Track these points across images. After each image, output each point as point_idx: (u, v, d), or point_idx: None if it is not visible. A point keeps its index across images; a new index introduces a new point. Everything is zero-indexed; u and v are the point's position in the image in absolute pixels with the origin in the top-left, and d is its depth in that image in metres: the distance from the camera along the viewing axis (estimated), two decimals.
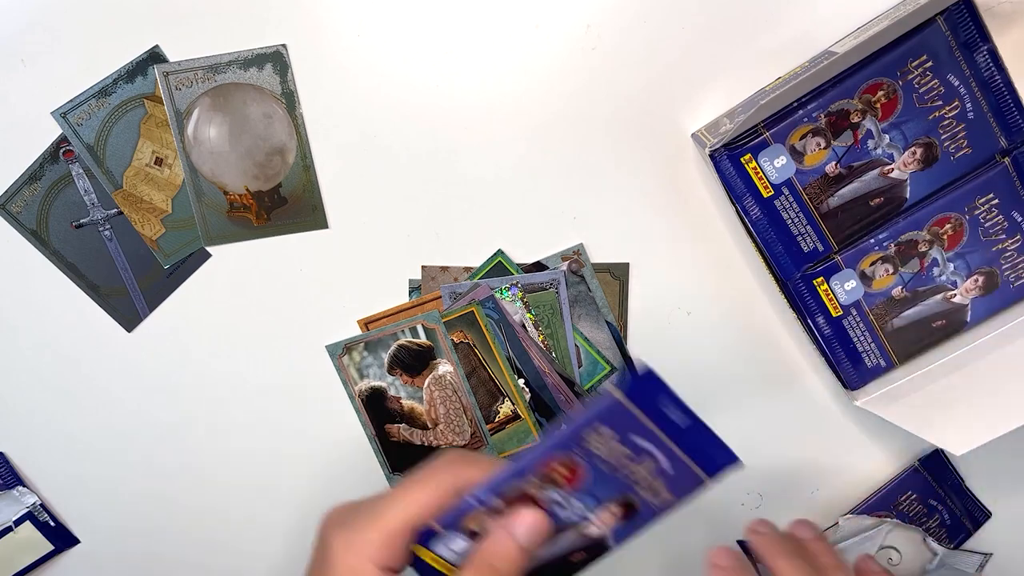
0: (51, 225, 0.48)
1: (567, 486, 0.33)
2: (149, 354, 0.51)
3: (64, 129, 0.47)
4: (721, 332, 0.51)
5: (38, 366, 0.51)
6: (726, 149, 0.45)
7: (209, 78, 0.47)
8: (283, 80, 0.47)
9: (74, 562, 0.55)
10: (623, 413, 0.31)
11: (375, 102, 0.47)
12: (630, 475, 0.33)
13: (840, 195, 0.45)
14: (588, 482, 0.33)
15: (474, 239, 0.49)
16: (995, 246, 0.46)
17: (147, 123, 0.47)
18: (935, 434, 0.44)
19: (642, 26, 0.46)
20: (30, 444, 0.52)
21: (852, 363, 0.48)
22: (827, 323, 0.47)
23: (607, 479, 0.33)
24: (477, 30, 0.46)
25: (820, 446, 0.53)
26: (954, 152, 0.45)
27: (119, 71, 0.46)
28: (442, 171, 0.48)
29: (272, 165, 0.48)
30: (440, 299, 0.50)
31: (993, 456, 0.51)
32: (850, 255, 0.46)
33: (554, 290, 0.50)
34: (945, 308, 0.47)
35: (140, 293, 0.50)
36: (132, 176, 0.48)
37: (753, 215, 0.46)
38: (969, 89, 0.44)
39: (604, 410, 0.31)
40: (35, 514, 0.53)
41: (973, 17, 0.43)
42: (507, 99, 0.47)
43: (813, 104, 0.44)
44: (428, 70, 0.47)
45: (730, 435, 0.53)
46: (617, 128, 0.48)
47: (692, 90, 0.47)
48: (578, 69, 0.47)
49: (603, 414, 0.31)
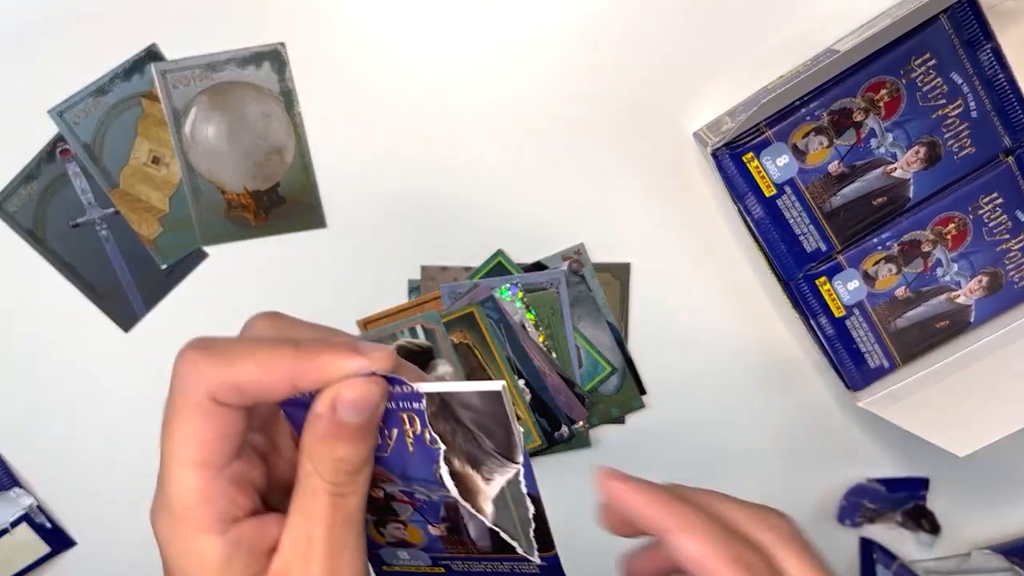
0: (48, 224, 0.48)
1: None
2: (146, 354, 0.50)
3: (61, 128, 0.47)
4: (723, 332, 0.51)
5: (34, 366, 0.51)
6: (728, 148, 0.44)
7: (207, 76, 0.46)
8: (281, 79, 0.46)
9: (71, 564, 0.54)
10: None
11: (374, 101, 0.47)
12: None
13: (843, 194, 0.45)
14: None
15: (474, 239, 0.49)
16: (999, 246, 0.46)
17: (144, 122, 0.47)
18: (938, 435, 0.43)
19: (643, 25, 0.46)
20: (26, 445, 0.52)
21: (855, 363, 0.47)
22: (830, 323, 0.47)
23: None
24: (477, 29, 0.46)
25: (822, 447, 0.53)
26: (957, 151, 0.44)
27: (116, 69, 0.46)
28: (442, 170, 0.48)
29: (270, 164, 0.48)
30: (440, 299, 0.50)
31: None
32: (853, 255, 0.46)
33: (554, 290, 0.49)
34: (949, 308, 0.47)
35: (137, 293, 0.49)
36: (129, 175, 0.48)
37: (755, 214, 0.45)
38: (972, 88, 0.44)
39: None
40: (32, 516, 0.52)
41: (976, 15, 0.42)
42: (507, 98, 0.47)
43: (815, 103, 0.44)
44: (428, 69, 0.47)
45: (731, 435, 0.53)
46: (618, 127, 0.47)
47: (693, 89, 0.47)
48: (579, 68, 0.47)
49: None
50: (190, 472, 0.24)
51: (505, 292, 0.49)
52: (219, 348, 0.25)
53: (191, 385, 0.24)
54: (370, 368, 0.25)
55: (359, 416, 0.25)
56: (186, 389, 0.24)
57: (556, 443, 0.51)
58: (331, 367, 0.24)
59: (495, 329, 0.50)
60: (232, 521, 0.25)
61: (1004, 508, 0.54)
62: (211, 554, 0.25)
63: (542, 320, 0.50)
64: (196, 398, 0.24)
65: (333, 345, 0.25)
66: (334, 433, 0.25)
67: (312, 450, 0.25)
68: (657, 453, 0.53)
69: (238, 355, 0.25)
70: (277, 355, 0.24)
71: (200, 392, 0.24)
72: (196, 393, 0.24)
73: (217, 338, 0.26)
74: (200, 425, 0.24)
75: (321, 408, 0.25)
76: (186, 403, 0.24)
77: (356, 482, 0.26)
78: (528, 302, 0.50)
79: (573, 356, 0.50)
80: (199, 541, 0.25)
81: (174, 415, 0.25)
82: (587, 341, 0.50)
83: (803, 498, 0.54)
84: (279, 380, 0.24)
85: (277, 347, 0.25)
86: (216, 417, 0.24)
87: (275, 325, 0.27)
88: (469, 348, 0.50)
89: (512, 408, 0.25)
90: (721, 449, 0.53)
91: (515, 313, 0.50)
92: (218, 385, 0.24)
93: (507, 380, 0.27)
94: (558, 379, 0.50)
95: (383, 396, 0.25)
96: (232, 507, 0.25)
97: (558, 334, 0.50)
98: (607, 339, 0.50)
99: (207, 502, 0.25)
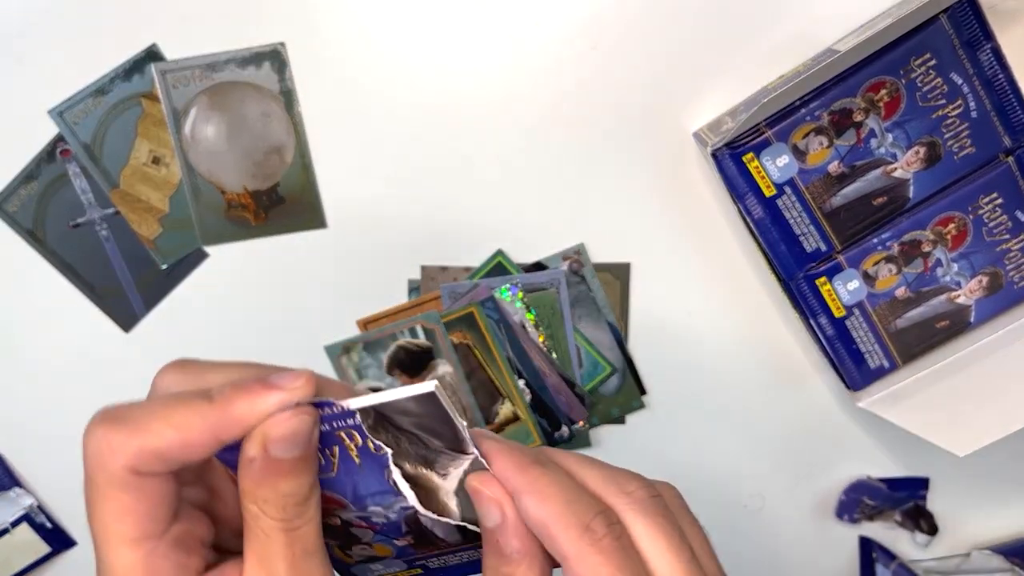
0: (48, 225, 0.48)
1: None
2: (146, 354, 0.50)
3: (61, 128, 0.47)
4: (723, 332, 0.51)
5: (35, 366, 0.51)
6: (728, 148, 0.44)
7: (207, 76, 0.46)
8: (281, 79, 0.46)
9: (71, 564, 0.54)
10: None
11: (374, 101, 0.47)
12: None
13: (843, 194, 0.45)
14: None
15: (474, 239, 0.49)
16: (999, 246, 0.46)
17: (144, 122, 0.47)
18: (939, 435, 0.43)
19: (643, 24, 0.46)
20: (27, 445, 0.52)
21: (855, 364, 0.47)
22: (830, 323, 0.47)
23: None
24: (477, 28, 0.46)
25: (822, 447, 0.53)
26: (957, 151, 0.44)
27: (116, 69, 0.46)
28: (442, 170, 0.48)
29: (270, 164, 0.48)
30: (440, 299, 0.49)
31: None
32: (853, 255, 0.46)
33: (554, 290, 0.49)
34: (949, 309, 0.47)
35: (137, 293, 0.49)
36: (129, 175, 0.48)
37: (755, 214, 0.45)
38: (972, 88, 0.43)
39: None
40: (32, 516, 0.52)
41: (976, 15, 0.42)
42: (507, 98, 0.47)
43: (816, 103, 0.44)
44: (428, 69, 0.47)
45: (731, 435, 0.53)
46: (618, 127, 0.47)
47: (693, 89, 0.47)
48: (579, 68, 0.47)
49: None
50: (127, 551, 0.23)
51: (505, 292, 0.49)
52: (129, 417, 0.23)
53: (108, 461, 0.23)
54: (291, 400, 0.23)
55: (293, 450, 0.24)
56: (104, 466, 0.23)
57: (556, 443, 0.51)
58: (250, 412, 0.23)
59: (495, 329, 0.50)
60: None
61: (1004, 508, 0.54)
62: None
63: (542, 320, 0.50)
64: (116, 474, 0.23)
65: (246, 388, 0.23)
66: (272, 472, 0.24)
67: (253, 493, 0.24)
68: (657, 453, 0.53)
69: (151, 421, 0.23)
70: (192, 413, 0.23)
71: (118, 467, 0.23)
72: (115, 469, 0.23)
73: (124, 405, 0.24)
74: (126, 500, 0.23)
75: (252, 451, 0.23)
76: (107, 480, 0.23)
77: (307, 511, 0.25)
78: (528, 302, 0.50)
79: (573, 356, 0.50)
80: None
81: (97, 495, 0.23)
82: (587, 341, 0.50)
83: (803, 498, 0.54)
84: (200, 438, 0.23)
85: (190, 404, 0.23)
86: (141, 489, 0.23)
87: (183, 376, 0.26)
88: (469, 348, 0.50)
89: (450, 403, 0.24)
90: (721, 449, 0.53)
91: (515, 313, 0.50)
92: (136, 456, 0.23)
93: (439, 381, 0.26)
94: (558, 379, 0.50)
95: (314, 423, 0.24)
96: (182, 572, 0.24)
97: (558, 334, 0.50)
98: (607, 339, 0.50)
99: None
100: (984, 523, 0.54)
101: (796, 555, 0.55)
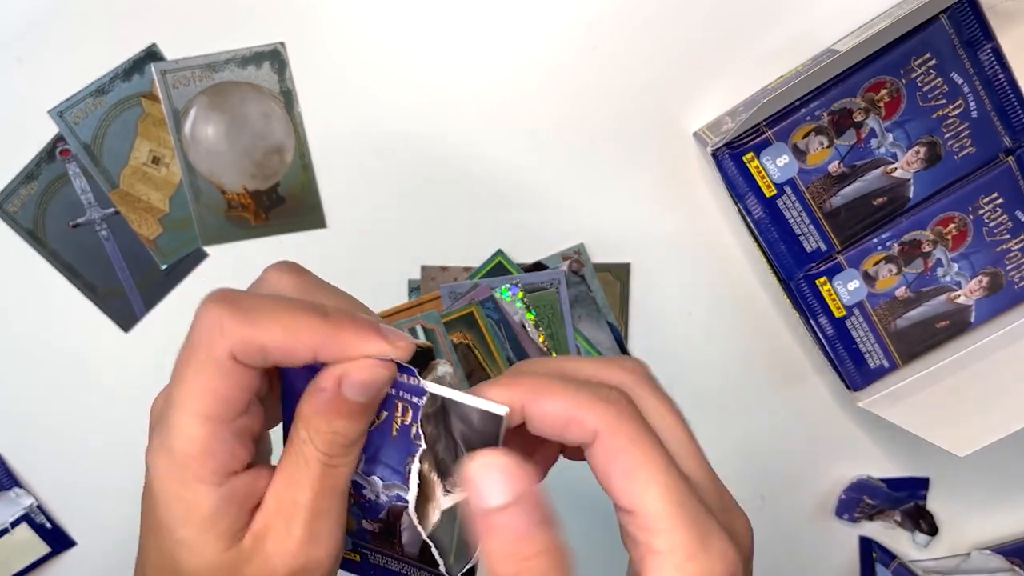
0: (48, 225, 0.48)
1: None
2: (146, 354, 0.50)
3: (61, 128, 0.47)
4: (723, 332, 0.51)
5: (35, 366, 0.51)
6: (728, 148, 0.44)
7: (207, 76, 0.46)
8: (281, 78, 0.46)
9: (71, 565, 0.54)
10: None
11: (374, 100, 0.47)
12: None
13: (843, 194, 0.45)
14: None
15: (474, 239, 0.49)
16: (999, 246, 0.46)
17: (144, 122, 0.47)
18: (938, 435, 0.43)
19: (643, 24, 0.46)
20: (26, 445, 0.52)
21: (855, 364, 0.47)
22: (830, 323, 0.47)
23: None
24: (477, 28, 0.46)
25: (822, 447, 0.53)
26: (957, 151, 0.44)
27: (116, 69, 0.46)
28: (442, 170, 0.48)
29: (270, 164, 0.48)
30: (440, 299, 0.49)
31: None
32: (853, 255, 0.46)
33: (554, 290, 0.49)
34: (949, 309, 0.47)
35: (137, 293, 0.49)
36: (129, 175, 0.48)
37: (755, 214, 0.45)
38: (972, 88, 0.43)
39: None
40: (32, 516, 0.52)
41: (976, 15, 0.42)
42: (507, 98, 0.47)
43: (816, 103, 0.44)
44: (428, 69, 0.47)
45: (731, 435, 0.53)
46: (618, 127, 0.47)
47: (693, 89, 0.47)
48: (579, 68, 0.47)
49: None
50: (197, 424, 0.24)
51: (505, 292, 0.49)
52: (246, 306, 0.24)
53: (214, 340, 0.24)
54: (388, 355, 0.24)
55: (363, 396, 0.25)
56: (208, 343, 0.24)
57: None
58: (353, 346, 0.24)
59: (495, 329, 0.50)
60: (229, 474, 0.25)
61: (1004, 508, 0.54)
62: (203, 505, 0.25)
63: (542, 320, 0.50)
64: (217, 354, 0.24)
65: (360, 323, 0.25)
66: (334, 408, 0.25)
67: (309, 420, 0.25)
68: None
69: (265, 316, 0.24)
70: (305, 323, 0.24)
71: (222, 349, 0.24)
72: (218, 349, 0.24)
73: (243, 293, 0.25)
74: (217, 381, 0.24)
75: (326, 383, 0.25)
76: (206, 357, 0.24)
77: (348, 454, 0.26)
78: (528, 302, 0.50)
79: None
80: (193, 490, 0.25)
81: (191, 366, 0.24)
82: (587, 341, 0.50)
83: (802, 497, 0.54)
84: (303, 348, 0.24)
85: (306, 313, 0.24)
86: (234, 376, 0.24)
87: (298, 281, 0.27)
88: (469, 348, 0.50)
89: (503, 437, 0.25)
90: (720, 449, 0.53)
91: (515, 313, 0.50)
92: (242, 345, 0.24)
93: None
94: None
95: (389, 382, 0.25)
96: (232, 461, 0.25)
97: (558, 334, 0.50)
98: (607, 339, 0.50)
99: (209, 455, 0.24)
100: (984, 523, 0.54)
101: (796, 555, 0.55)
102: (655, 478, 0.24)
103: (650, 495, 0.24)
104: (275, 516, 0.25)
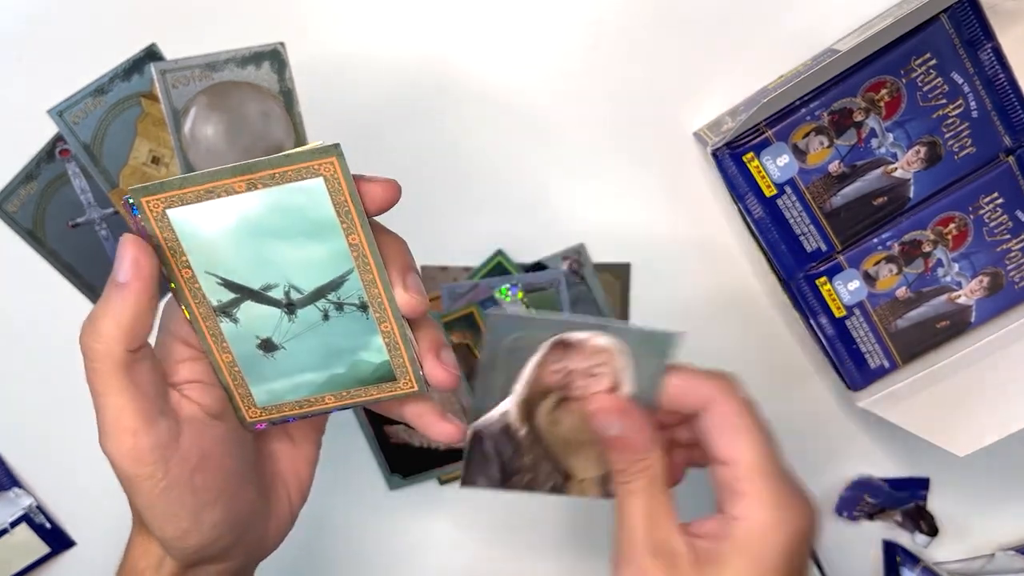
0: (47, 224, 0.48)
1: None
2: None
3: (60, 127, 0.47)
4: (723, 332, 0.50)
5: (34, 367, 0.51)
6: (728, 148, 0.44)
7: (206, 76, 0.46)
8: (281, 78, 0.46)
9: (70, 565, 0.54)
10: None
11: (374, 100, 0.47)
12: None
13: (843, 194, 0.45)
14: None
15: (474, 239, 0.49)
16: (1000, 246, 0.46)
17: (144, 121, 0.47)
18: (939, 436, 0.43)
19: (644, 24, 0.46)
20: (26, 445, 0.52)
21: (855, 364, 0.47)
22: (830, 323, 0.47)
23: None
24: (478, 28, 0.46)
25: (822, 447, 0.53)
26: (958, 151, 0.44)
27: (116, 69, 0.46)
28: (442, 170, 0.48)
29: None
30: (439, 299, 0.49)
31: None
32: (853, 255, 0.46)
33: (555, 290, 0.49)
34: (949, 309, 0.47)
35: None
36: (129, 175, 0.48)
37: (755, 214, 0.45)
38: (973, 87, 0.43)
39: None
40: (31, 516, 0.52)
41: (977, 15, 0.42)
42: (508, 97, 0.47)
43: (816, 102, 0.44)
44: (428, 68, 0.47)
45: None
46: (618, 126, 0.47)
47: (694, 88, 0.47)
48: (579, 67, 0.47)
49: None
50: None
51: (505, 292, 0.49)
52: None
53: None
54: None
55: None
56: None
57: None
58: None
59: None
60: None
61: (1004, 508, 0.54)
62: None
63: None
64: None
65: None
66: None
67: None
68: None
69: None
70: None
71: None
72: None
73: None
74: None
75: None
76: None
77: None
78: (528, 302, 0.50)
79: None
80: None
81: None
82: None
83: None
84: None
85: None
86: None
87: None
88: (469, 348, 0.50)
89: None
90: None
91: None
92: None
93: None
94: None
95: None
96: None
97: None
98: None
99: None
100: (985, 523, 0.54)
101: None
102: (756, 438, 0.33)
103: (751, 451, 0.32)
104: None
